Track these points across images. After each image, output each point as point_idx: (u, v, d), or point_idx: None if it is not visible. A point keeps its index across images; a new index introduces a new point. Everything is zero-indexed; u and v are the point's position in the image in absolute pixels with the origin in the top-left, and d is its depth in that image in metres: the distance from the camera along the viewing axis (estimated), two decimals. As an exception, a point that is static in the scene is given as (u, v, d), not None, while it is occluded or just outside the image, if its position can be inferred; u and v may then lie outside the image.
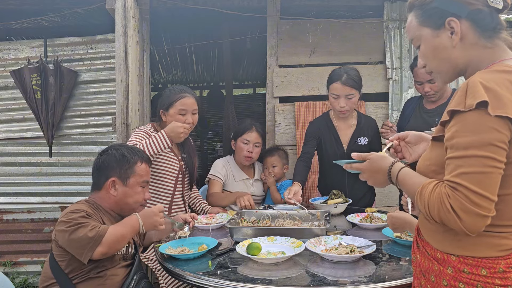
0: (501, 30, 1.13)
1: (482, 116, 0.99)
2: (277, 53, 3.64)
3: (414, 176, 1.16)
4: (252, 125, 2.90)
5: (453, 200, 1.00)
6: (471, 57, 1.14)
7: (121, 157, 1.88)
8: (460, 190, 0.99)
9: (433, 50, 1.18)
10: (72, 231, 1.67)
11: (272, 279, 1.54)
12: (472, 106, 0.99)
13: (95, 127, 3.50)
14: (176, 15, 3.99)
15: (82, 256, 1.66)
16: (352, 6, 3.75)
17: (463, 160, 1.00)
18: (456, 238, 1.10)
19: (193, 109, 2.50)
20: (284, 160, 3.06)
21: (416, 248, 1.25)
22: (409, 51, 3.63)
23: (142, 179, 1.92)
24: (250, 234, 1.99)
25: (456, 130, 1.02)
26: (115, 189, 1.86)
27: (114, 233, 1.70)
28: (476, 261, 1.06)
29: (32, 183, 3.54)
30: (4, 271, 3.40)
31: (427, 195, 1.06)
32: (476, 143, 0.99)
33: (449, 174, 1.03)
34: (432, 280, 1.15)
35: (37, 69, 3.31)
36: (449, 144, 1.04)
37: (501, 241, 1.06)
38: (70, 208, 1.78)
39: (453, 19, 1.12)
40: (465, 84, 1.04)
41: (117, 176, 1.86)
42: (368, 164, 1.32)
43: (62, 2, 3.45)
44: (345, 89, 2.45)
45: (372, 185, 1.36)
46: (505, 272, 1.04)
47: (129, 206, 1.90)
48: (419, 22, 1.19)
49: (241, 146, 2.86)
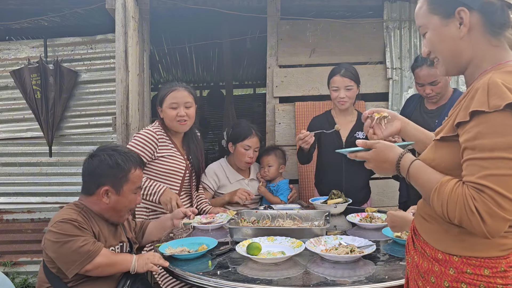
0: (508, 27, 1.11)
1: (508, 117, 0.97)
2: (277, 53, 3.64)
3: (429, 172, 1.11)
4: (252, 129, 2.86)
5: (480, 203, 0.97)
6: (475, 53, 1.13)
7: (114, 165, 1.80)
8: (487, 192, 0.97)
9: (439, 39, 1.16)
10: (62, 244, 1.64)
11: (272, 279, 1.54)
12: (500, 107, 0.96)
13: (95, 127, 3.50)
14: (176, 15, 3.99)
15: (68, 271, 1.65)
16: (352, 6, 3.75)
17: (489, 161, 0.97)
18: (458, 239, 1.09)
19: (185, 102, 2.44)
20: (281, 159, 3.04)
21: (413, 249, 1.23)
22: (409, 51, 3.63)
23: (135, 186, 1.87)
24: (250, 234, 1.99)
25: (479, 131, 0.99)
26: (108, 197, 1.81)
27: (107, 257, 1.69)
28: (479, 262, 1.06)
29: (32, 183, 3.54)
30: (4, 271, 3.40)
31: (447, 193, 1.03)
32: (503, 145, 0.97)
33: (472, 176, 1.00)
34: (432, 281, 1.14)
35: (37, 69, 3.31)
36: (471, 144, 1.01)
37: (502, 240, 1.06)
38: (59, 216, 1.73)
39: (464, 9, 1.10)
40: (485, 84, 1.01)
41: (111, 185, 1.80)
42: (374, 153, 1.25)
43: (62, 2, 3.45)
44: (344, 80, 2.62)
45: (378, 174, 1.33)
46: (506, 271, 1.04)
47: (119, 212, 1.87)
48: (429, 9, 1.17)
49: (242, 152, 2.83)
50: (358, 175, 2.70)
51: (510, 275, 1.04)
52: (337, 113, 2.77)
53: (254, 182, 2.98)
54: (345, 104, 2.66)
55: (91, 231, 1.75)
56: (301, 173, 3.49)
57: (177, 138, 2.56)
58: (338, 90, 2.64)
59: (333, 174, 2.72)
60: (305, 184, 3.46)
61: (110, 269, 1.72)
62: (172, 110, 2.43)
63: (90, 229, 1.75)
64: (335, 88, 2.65)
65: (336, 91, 2.65)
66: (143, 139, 2.40)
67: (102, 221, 1.86)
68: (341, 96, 2.63)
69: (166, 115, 2.45)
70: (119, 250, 1.87)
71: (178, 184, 2.49)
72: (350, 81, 2.62)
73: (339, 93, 2.64)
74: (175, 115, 2.42)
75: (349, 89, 2.63)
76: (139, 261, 1.74)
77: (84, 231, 1.71)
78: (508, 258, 1.05)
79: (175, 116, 2.43)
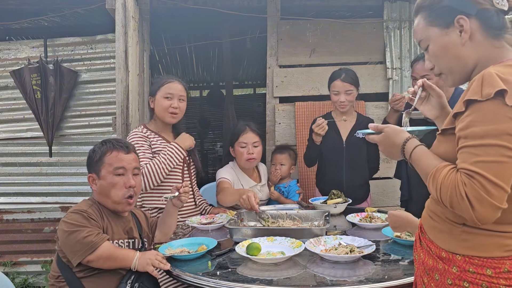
0: (507, 31, 1.14)
1: (500, 105, 0.98)
2: (277, 53, 3.64)
3: (429, 157, 1.14)
4: (245, 125, 2.79)
5: (469, 188, 0.99)
6: (479, 56, 1.15)
7: (91, 153, 1.91)
8: (476, 178, 0.98)
9: (442, 49, 1.18)
10: (70, 233, 1.69)
11: (272, 280, 1.54)
12: (490, 95, 0.98)
13: (95, 127, 3.50)
14: (176, 15, 3.99)
15: (72, 259, 1.70)
16: (352, 6, 3.75)
17: (479, 148, 0.99)
18: (462, 238, 1.10)
19: (180, 95, 2.47)
20: (293, 160, 3.08)
21: (419, 246, 1.25)
22: (409, 51, 3.63)
23: (113, 167, 1.85)
24: (249, 234, 1.99)
25: (471, 119, 1.02)
26: (95, 184, 1.88)
27: (108, 249, 1.71)
28: (482, 261, 1.06)
29: (32, 183, 3.55)
30: (4, 271, 3.40)
31: (441, 179, 1.05)
32: (494, 132, 0.98)
33: (464, 162, 1.02)
34: (436, 278, 1.15)
35: (37, 69, 3.32)
36: (463, 133, 1.03)
37: (507, 241, 1.06)
38: (73, 208, 1.81)
39: (463, 17, 1.13)
40: (480, 75, 1.03)
41: (92, 171, 1.88)
42: (382, 137, 1.30)
43: (62, 2, 3.46)
44: (344, 85, 2.72)
45: (387, 157, 1.36)
46: (510, 272, 1.04)
47: (111, 198, 1.85)
48: (427, 23, 1.20)
49: (240, 151, 2.73)
50: (359, 173, 2.79)
51: None
52: (338, 114, 2.86)
53: (265, 187, 2.91)
54: (345, 107, 2.77)
55: (100, 223, 1.79)
56: (301, 173, 3.50)
57: (166, 133, 2.54)
58: (338, 94, 2.75)
59: (334, 173, 2.79)
60: (305, 184, 3.46)
61: (111, 262, 1.73)
62: (166, 100, 2.44)
63: (99, 221, 1.79)
64: (336, 92, 2.75)
65: (336, 95, 2.76)
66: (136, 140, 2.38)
67: (113, 215, 1.89)
68: (342, 100, 2.74)
69: (159, 105, 2.45)
70: (129, 246, 1.88)
71: (179, 175, 2.48)
72: (350, 86, 2.73)
73: (339, 97, 2.75)
74: (168, 105, 2.43)
75: (349, 93, 2.74)
76: (141, 260, 1.74)
77: (91, 222, 1.75)
78: None
79: (168, 107, 2.43)
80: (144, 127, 2.52)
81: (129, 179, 1.88)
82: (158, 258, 1.72)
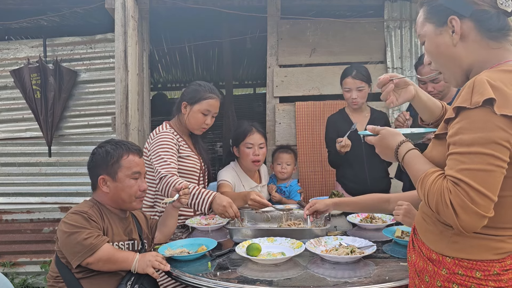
0: (508, 32, 1.12)
1: (488, 114, 0.98)
2: (277, 52, 3.63)
3: (420, 162, 1.15)
4: (252, 126, 2.76)
5: (454, 195, 0.98)
6: (475, 57, 1.13)
7: (105, 154, 1.88)
8: (461, 186, 0.98)
9: (435, 47, 1.18)
10: (70, 234, 1.69)
11: (272, 280, 1.53)
12: (479, 103, 0.98)
13: (95, 127, 3.50)
14: (176, 14, 3.99)
15: (72, 261, 1.69)
16: (352, 6, 3.75)
17: (466, 156, 0.99)
18: (452, 240, 1.10)
19: (214, 112, 2.45)
20: (295, 161, 3.09)
21: (412, 248, 1.25)
22: (410, 51, 3.62)
23: (131, 171, 1.88)
24: (249, 235, 1.98)
25: (460, 126, 1.01)
26: (107, 186, 1.86)
27: (108, 252, 1.70)
28: (471, 264, 1.06)
29: (31, 183, 3.54)
30: (3, 271, 3.40)
31: (428, 185, 1.05)
32: (481, 140, 0.98)
33: (451, 169, 1.02)
34: (426, 280, 1.15)
35: (37, 69, 3.31)
36: (452, 140, 1.03)
37: (497, 244, 1.05)
38: (73, 208, 1.80)
39: (455, 18, 1.12)
40: (471, 82, 1.03)
41: (106, 173, 1.86)
42: (378, 139, 1.31)
43: (62, 2, 3.45)
44: (355, 82, 2.75)
45: (383, 159, 1.35)
46: (499, 275, 1.04)
47: (124, 200, 1.88)
48: (425, 18, 1.20)
49: (246, 152, 2.69)
50: (379, 166, 2.81)
51: (504, 278, 1.04)
52: (351, 110, 2.88)
53: (265, 188, 2.90)
54: (357, 104, 2.79)
55: (100, 225, 1.78)
56: (301, 173, 3.49)
57: (187, 138, 2.53)
58: (350, 91, 2.77)
59: (356, 168, 2.81)
60: (305, 184, 3.45)
61: (111, 265, 1.72)
62: (202, 115, 2.40)
63: (99, 223, 1.78)
64: (347, 89, 2.78)
65: (348, 92, 2.78)
66: (169, 144, 2.32)
67: (114, 216, 1.89)
68: (353, 97, 2.76)
69: (194, 117, 2.40)
70: (129, 247, 1.87)
71: (195, 183, 2.44)
72: (361, 82, 2.75)
73: (351, 94, 2.77)
74: (203, 121, 2.40)
75: (361, 90, 2.76)
76: (140, 262, 1.74)
77: (91, 223, 1.74)
78: (503, 262, 1.05)
79: (202, 123, 2.41)
80: (171, 127, 2.44)
81: (143, 183, 1.92)
82: (158, 259, 1.72)
